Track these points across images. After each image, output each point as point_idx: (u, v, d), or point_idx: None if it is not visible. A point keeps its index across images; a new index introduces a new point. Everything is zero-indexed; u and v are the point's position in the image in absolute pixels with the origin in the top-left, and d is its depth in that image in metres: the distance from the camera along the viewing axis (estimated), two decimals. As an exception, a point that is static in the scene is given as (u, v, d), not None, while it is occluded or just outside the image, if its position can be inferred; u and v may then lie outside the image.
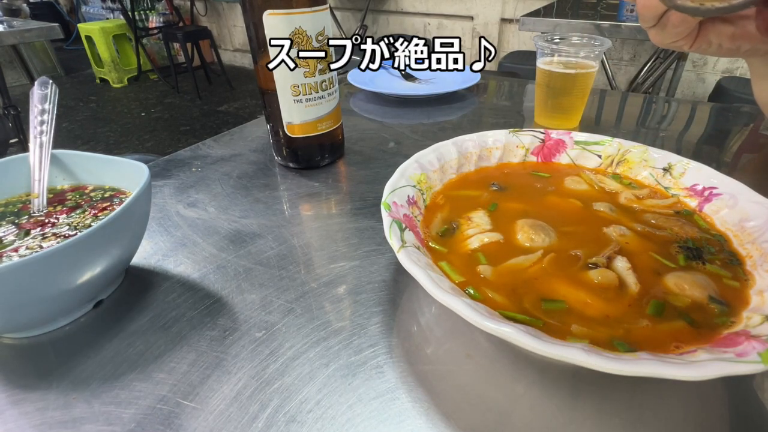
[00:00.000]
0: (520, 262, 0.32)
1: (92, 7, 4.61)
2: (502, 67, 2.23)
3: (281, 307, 0.34)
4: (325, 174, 0.55)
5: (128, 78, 3.99)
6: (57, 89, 0.42)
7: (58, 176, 0.40)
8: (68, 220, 0.35)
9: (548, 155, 0.46)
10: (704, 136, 0.67)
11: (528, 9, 2.60)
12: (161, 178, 0.55)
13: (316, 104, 0.51)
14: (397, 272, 0.37)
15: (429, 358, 0.30)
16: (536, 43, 0.62)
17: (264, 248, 0.41)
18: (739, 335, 0.24)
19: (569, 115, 0.64)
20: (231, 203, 0.49)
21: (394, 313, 0.33)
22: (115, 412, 0.26)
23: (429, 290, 0.25)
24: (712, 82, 2.35)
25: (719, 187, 0.37)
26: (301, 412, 0.26)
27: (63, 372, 0.29)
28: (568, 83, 0.61)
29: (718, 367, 0.20)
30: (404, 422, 0.26)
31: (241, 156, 0.61)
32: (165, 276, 0.38)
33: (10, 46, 1.78)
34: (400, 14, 3.35)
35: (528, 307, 0.28)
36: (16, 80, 3.47)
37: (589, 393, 0.27)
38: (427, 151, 0.42)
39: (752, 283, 0.29)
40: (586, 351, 0.21)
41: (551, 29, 1.53)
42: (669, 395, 0.27)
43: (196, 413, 0.26)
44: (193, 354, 0.30)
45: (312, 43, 0.48)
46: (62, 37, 1.80)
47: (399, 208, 0.33)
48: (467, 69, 0.52)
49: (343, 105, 0.78)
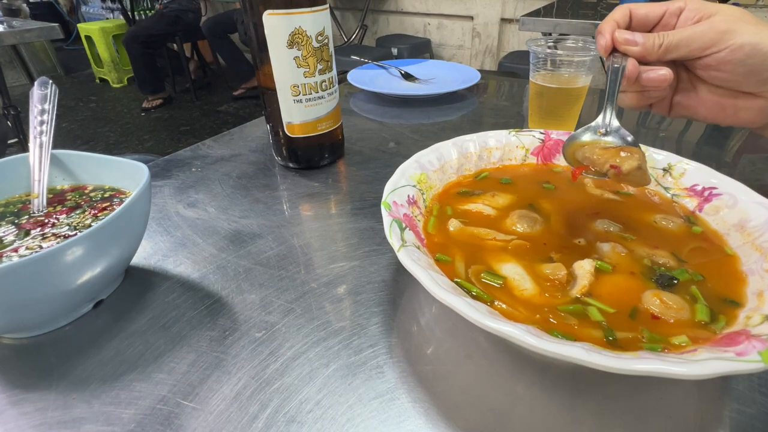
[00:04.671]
0: (480, 232, 0.35)
1: (92, 7, 4.61)
2: (502, 67, 2.24)
3: (281, 307, 0.34)
4: (325, 174, 0.55)
5: (128, 78, 3.98)
6: (57, 89, 0.42)
7: (57, 176, 0.40)
8: (68, 221, 0.35)
9: (548, 156, 0.46)
10: (704, 136, 0.67)
11: (528, 9, 2.60)
12: (161, 178, 0.55)
13: (316, 104, 0.51)
14: (397, 272, 0.37)
15: (429, 358, 0.30)
16: (530, 47, 0.62)
17: (264, 248, 0.41)
18: (740, 334, 0.24)
19: (564, 122, 0.64)
20: (231, 203, 0.49)
21: (394, 313, 0.33)
22: (115, 412, 0.26)
23: (429, 289, 0.25)
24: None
25: (719, 187, 0.37)
26: (300, 412, 0.26)
27: (63, 372, 0.29)
28: (560, 98, 0.61)
29: (718, 366, 0.20)
30: (404, 422, 0.26)
31: (241, 156, 0.61)
32: (165, 276, 0.38)
33: (10, 46, 1.78)
34: (400, 14, 3.35)
35: (470, 273, 0.31)
36: (16, 80, 3.47)
37: (589, 393, 0.27)
38: (427, 151, 0.42)
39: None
40: (586, 350, 0.21)
41: (551, 29, 1.53)
42: (669, 395, 0.27)
43: (196, 413, 0.26)
44: (193, 354, 0.30)
45: (312, 43, 0.48)
46: (62, 37, 1.80)
47: (399, 208, 0.33)
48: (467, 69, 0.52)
49: (343, 105, 0.78)
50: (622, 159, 0.33)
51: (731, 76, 0.36)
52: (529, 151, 0.46)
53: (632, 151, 0.34)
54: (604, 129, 0.36)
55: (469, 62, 3.18)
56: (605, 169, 0.34)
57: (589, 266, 0.30)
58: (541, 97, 0.62)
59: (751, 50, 0.34)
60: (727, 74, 0.36)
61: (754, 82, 0.36)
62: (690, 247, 0.34)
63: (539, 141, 0.46)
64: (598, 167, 0.34)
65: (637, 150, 0.34)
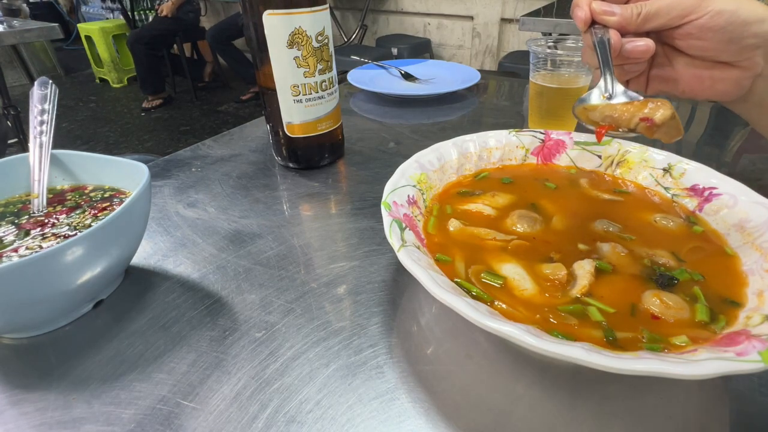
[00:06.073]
0: (480, 232, 0.35)
1: (92, 7, 4.61)
2: (502, 67, 2.24)
3: (281, 307, 0.34)
4: (325, 174, 0.55)
5: (128, 78, 3.99)
6: (57, 89, 0.42)
7: (57, 176, 0.40)
8: (68, 221, 0.35)
9: (548, 156, 0.46)
10: (704, 136, 0.67)
11: (528, 9, 2.60)
12: (161, 178, 0.55)
13: (316, 104, 0.51)
14: (397, 272, 0.37)
15: (429, 358, 0.30)
16: (530, 47, 0.62)
17: (264, 248, 0.41)
18: (740, 334, 0.24)
19: (564, 122, 0.64)
20: (231, 203, 0.49)
21: (394, 313, 0.33)
22: (115, 413, 0.26)
23: (429, 289, 0.25)
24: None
25: (719, 187, 0.37)
26: (300, 412, 0.26)
27: (63, 372, 0.29)
28: (560, 98, 0.61)
29: (718, 366, 0.20)
30: (404, 422, 0.26)
31: (241, 156, 0.61)
32: (165, 276, 0.38)
33: (10, 46, 1.79)
34: (400, 14, 3.35)
35: (470, 273, 0.31)
36: (16, 80, 3.47)
37: (589, 393, 0.27)
38: (427, 151, 0.42)
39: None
40: (586, 350, 0.21)
41: (551, 29, 1.53)
42: (669, 395, 0.27)
43: (195, 413, 0.26)
44: (193, 354, 0.30)
45: (312, 43, 0.48)
46: (62, 37, 1.80)
47: (399, 208, 0.33)
48: (467, 69, 0.52)
49: (343, 105, 0.78)
50: (652, 109, 0.32)
51: (711, 44, 0.36)
52: (529, 151, 0.46)
53: (660, 101, 0.32)
54: (608, 94, 0.36)
55: (469, 62, 3.18)
56: (633, 125, 0.32)
57: (589, 266, 0.30)
58: (541, 97, 0.62)
59: (730, 16, 0.34)
60: (707, 42, 0.36)
61: (734, 50, 0.35)
62: (690, 247, 0.34)
63: (539, 141, 0.46)
64: (623, 124, 0.33)
65: (665, 100, 0.32)
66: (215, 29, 3.22)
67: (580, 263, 0.31)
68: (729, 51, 0.36)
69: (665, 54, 0.40)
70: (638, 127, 0.32)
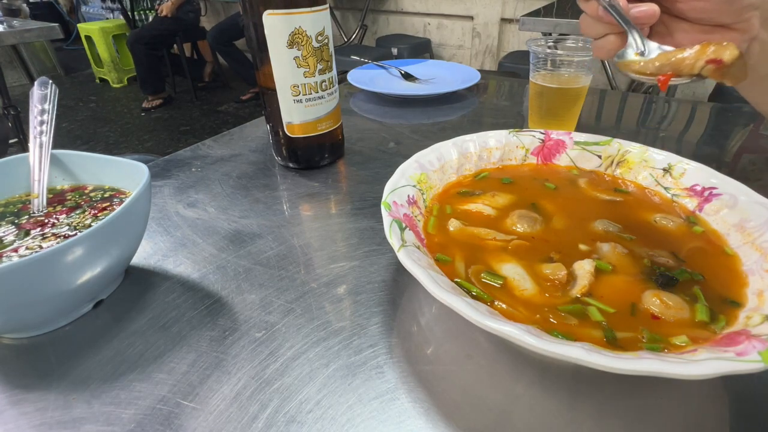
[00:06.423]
0: (480, 232, 0.35)
1: (92, 7, 4.61)
2: (502, 67, 2.24)
3: (281, 307, 0.34)
4: (325, 174, 0.55)
5: (128, 78, 3.98)
6: (57, 89, 0.42)
7: (57, 176, 0.40)
8: (68, 221, 0.35)
9: (548, 156, 0.46)
10: (704, 136, 0.67)
11: (528, 9, 2.60)
12: (161, 178, 0.55)
13: (316, 104, 0.51)
14: (397, 272, 0.37)
15: (429, 358, 0.30)
16: (530, 47, 0.62)
17: (264, 248, 0.41)
18: (740, 334, 0.24)
19: (564, 122, 0.64)
20: (231, 203, 0.49)
21: (394, 313, 0.33)
22: (115, 413, 0.26)
23: (429, 289, 0.25)
24: (712, 82, 2.35)
25: (719, 187, 0.37)
26: (300, 412, 0.26)
27: (63, 372, 0.29)
28: (560, 98, 0.61)
29: (718, 366, 0.20)
30: (404, 423, 0.26)
31: (241, 156, 0.61)
32: (165, 276, 0.38)
33: (10, 46, 1.78)
34: (400, 14, 3.35)
35: (470, 273, 0.31)
36: (16, 80, 3.47)
37: (589, 393, 0.27)
38: (427, 151, 0.42)
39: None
40: (586, 350, 0.21)
41: (551, 29, 1.53)
42: (669, 395, 0.27)
43: (195, 413, 0.26)
44: (193, 354, 0.30)
45: (312, 43, 0.48)
46: (62, 37, 1.80)
47: (399, 208, 0.33)
48: (467, 69, 0.52)
49: (343, 105, 0.78)
50: (718, 50, 0.30)
51: (711, 4, 0.36)
52: (529, 151, 0.46)
53: (720, 43, 0.30)
54: (640, 51, 0.34)
55: (469, 62, 3.18)
56: (697, 69, 0.31)
57: (589, 266, 0.30)
58: (541, 97, 0.62)
59: None
60: (707, 2, 0.36)
61: (734, 10, 0.36)
62: (690, 247, 0.34)
63: (539, 141, 0.46)
64: (685, 70, 0.31)
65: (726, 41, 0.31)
66: (216, 30, 3.22)
67: (580, 263, 0.31)
68: (728, 12, 0.36)
69: (663, 22, 0.40)
70: (704, 71, 0.31)
